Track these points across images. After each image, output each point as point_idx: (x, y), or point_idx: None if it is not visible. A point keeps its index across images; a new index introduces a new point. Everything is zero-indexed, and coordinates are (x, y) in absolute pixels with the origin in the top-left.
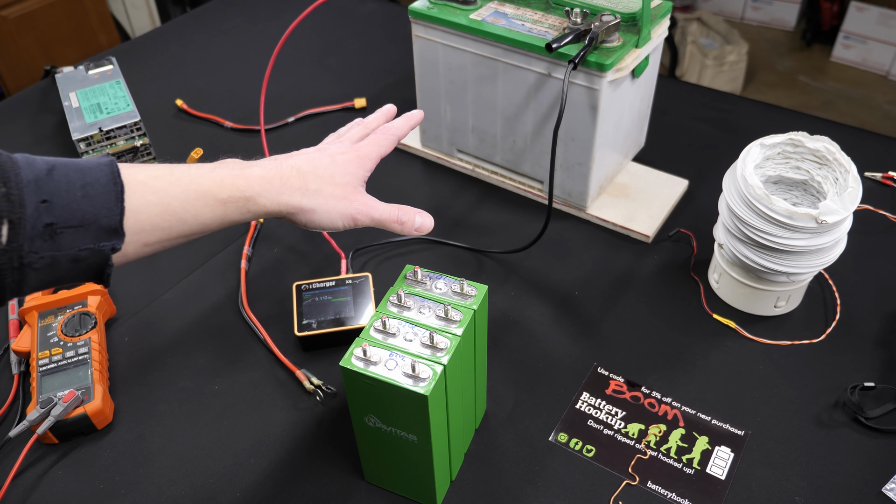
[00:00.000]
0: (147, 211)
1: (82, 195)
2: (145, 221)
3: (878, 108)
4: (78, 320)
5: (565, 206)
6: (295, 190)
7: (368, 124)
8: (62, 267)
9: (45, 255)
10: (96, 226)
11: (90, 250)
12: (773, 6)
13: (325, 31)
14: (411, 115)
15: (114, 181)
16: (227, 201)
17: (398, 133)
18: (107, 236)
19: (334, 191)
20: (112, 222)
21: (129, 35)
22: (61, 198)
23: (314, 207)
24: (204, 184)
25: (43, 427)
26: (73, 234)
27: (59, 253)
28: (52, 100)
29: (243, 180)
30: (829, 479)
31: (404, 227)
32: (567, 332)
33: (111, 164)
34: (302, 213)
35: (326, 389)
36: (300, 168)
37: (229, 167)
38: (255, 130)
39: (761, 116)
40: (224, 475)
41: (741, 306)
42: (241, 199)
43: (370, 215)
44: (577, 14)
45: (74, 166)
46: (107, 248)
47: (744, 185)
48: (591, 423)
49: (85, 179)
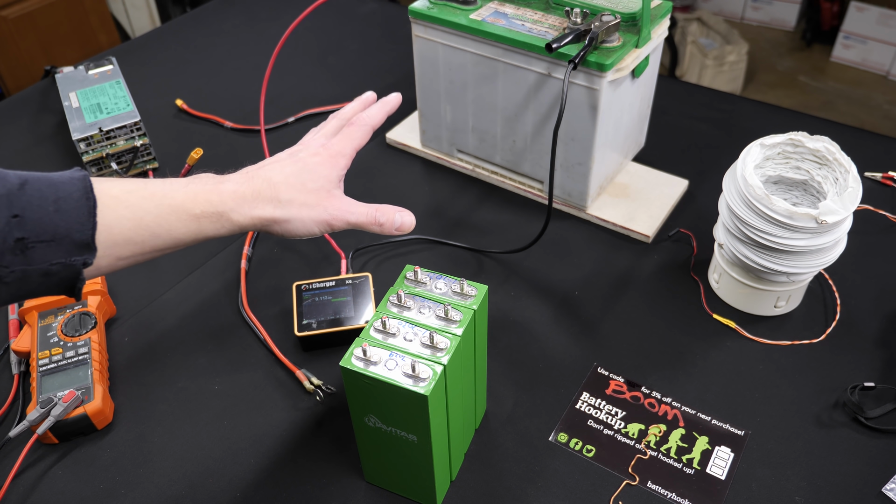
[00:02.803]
0: (120, 225)
1: (54, 210)
2: (118, 236)
3: (878, 108)
4: (78, 320)
5: (565, 206)
6: (267, 202)
7: (345, 115)
8: (33, 281)
9: (15, 270)
10: (68, 240)
11: (62, 265)
12: (773, 6)
13: (325, 31)
14: (386, 101)
15: (86, 196)
16: (201, 216)
17: (372, 122)
18: (78, 251)
19: (307, 198)
20: (84, 237)
21: (129, 35)
22: (33, 212)
23: (288, 217)
24: (177, 199)
25: (43, 427)
26: (45, 248)
27: (30, 267)
28: (52, 100)
29: (216, 195)
30: (829, 479)
31: (383, 227)
32: (567, 332)
33: (84, 178)
34: (276, 224)
35: (326, 389)
36: (271, 179)
37: (202, 182)
38: (255, 130)
39: (761, 116)
40: (224, 475)
41: (741, 306)
42: (214, 214)
43: (346, 220)
44: (577, 14)
45: (47, 181)
46: (78, 263)
47: (744, 185)
48: (591, 423)
49: (57, 194)
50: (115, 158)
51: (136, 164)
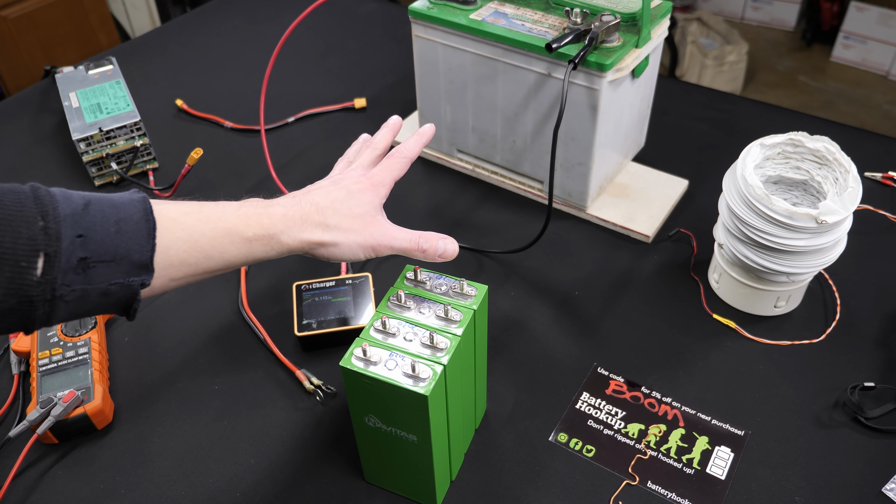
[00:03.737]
0: (176, 247)
1: (116, 230)
2: (174, 257)
3: (878, 108)
4: (78, 321)
5: (565, 206)
6: (315, 226)
7: (378, 144)
8: (91, 300)
9: (76, 288)
10: (128, 261)
11: (120, 285)
12: (773, 6)
13: (325, 31)
14: (422, 133)
15: (146, 218)
16: (253, 239)
17: (410, 155)
18: (137, 272)
19: (353, 224)
20: (143, 258)
21: (129, 35)
22: (96, 233)
23: (336, 241)
24: (231, 222)
25: (43, 427)
26: (105, 268)
27: (90, 286)
28: (52, 100)
29: (267, 219)
30: (829, 479)
31: (426, 254)
32: (567, 332)
33: (143, 200)
34: (323, 247)
35: (326, 389)
36: (318, 204)
37: (254, 206)
38: (255, 130)
39: (761, 116)
40: (224, 475)
41: (741, 306)
42: (265, 237)
43: (390, 245)
44: (577, 14)
45: (109, 201)
46: (136, 284)
47: (744, 185)
48: (591, 423)
49: (119, 215)
50: (115, 158)
51: (136, 164)
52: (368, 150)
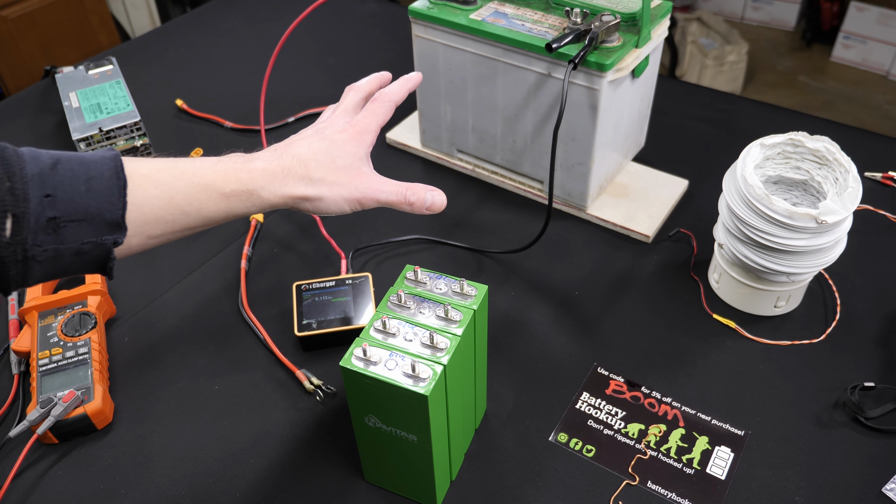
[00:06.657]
0: (151, 204)
1: (86, 189)
2: (149, 214)
3: (878, 108)
4: (78, 320)
5: (565, 206)
6: (298, 180)
7: (362, 88)
8: (65, 259)
9: (48, 248)
10: (99, 220)
11: (93, 244)
12: (773, 6)
13: (325, 31)
14: (408, 78)
15: (117, 175)
16: (231, 195)
17: (395, 98)
18: (109, 230)
19: (338, 177)
20: (115, 217)
21: (129, 35)
22: (65, 192)
23: (320, 196)
24: (207, 177)
25: (43, 427)
26: (77, 227)
27: (62, 246)
28: (52, 100)
29: (246, 173)
30: (829, 479)
31: (414, 206)
32: (567, 332)
33: (115, 157)
34: (307, 201)
35: (326, 389)
36: (301, 156)
37: (232, 160)
38: (255, 130)
39: (761, 116)
40: (224, 475)
41: (741, 306)
42: (244, 192)
43: (376, 198)
44: (577, 14)
45: (79, 160)
46: (109, 242)
47: (744, 185)
48: (591, 423)
49: (89, 173)
50: None
51: None
52: (352, 93)
